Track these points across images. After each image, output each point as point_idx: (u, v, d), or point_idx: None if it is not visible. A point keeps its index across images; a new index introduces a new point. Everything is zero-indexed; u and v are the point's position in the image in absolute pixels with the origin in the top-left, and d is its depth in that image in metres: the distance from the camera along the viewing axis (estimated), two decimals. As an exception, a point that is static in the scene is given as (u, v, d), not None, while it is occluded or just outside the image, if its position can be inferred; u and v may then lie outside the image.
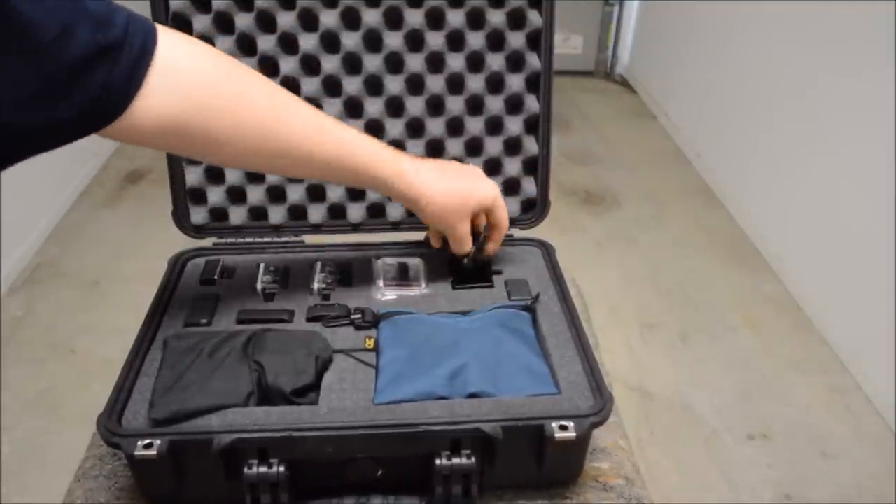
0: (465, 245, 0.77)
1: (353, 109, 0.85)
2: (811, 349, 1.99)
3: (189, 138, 0.57)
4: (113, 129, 0.52)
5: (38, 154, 0.49)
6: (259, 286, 0.78)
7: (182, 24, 0.80)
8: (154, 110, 0.52)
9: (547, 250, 0.86)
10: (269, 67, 0.82)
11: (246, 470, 0.58)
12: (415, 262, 0.83)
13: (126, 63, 0.50)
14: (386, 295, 0.78)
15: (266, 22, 0.81)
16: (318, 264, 0.82)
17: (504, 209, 0.77)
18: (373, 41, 0.82)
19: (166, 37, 0.53)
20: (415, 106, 0.85)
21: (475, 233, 0.78)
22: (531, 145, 0.87)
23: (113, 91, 0.50)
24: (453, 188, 0.73)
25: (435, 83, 0.84)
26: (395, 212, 0.88)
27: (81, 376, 1.83)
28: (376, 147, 0.68)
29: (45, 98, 0.46)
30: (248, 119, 0.59)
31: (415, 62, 0.83)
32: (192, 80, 0.55)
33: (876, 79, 1.77)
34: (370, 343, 0.71)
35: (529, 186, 0.88)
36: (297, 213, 0.87)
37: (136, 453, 0.57)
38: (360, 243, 0.87)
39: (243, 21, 0.80)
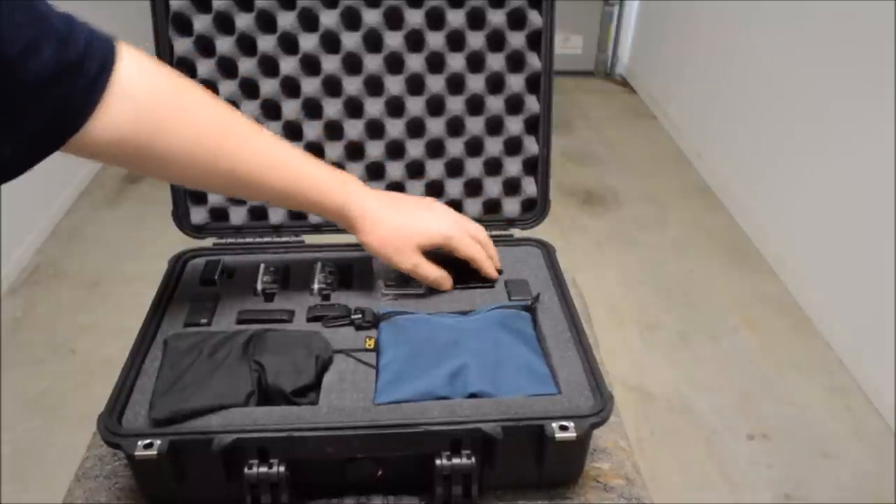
0: (426, 277, 0.75)
1: (353, 109, 0.85)
2: (811, 349, 1.99)
3: (141, 156, 0.57)
4: (68, 144, 0.52)
5: None
6: (259, 286, 0.78)
7: (182, 24, 0.80)
8: (109, 128, 0.53)
9: (547, 250, 0.86)
10: (269, 67, 0.82)
11: (246, 470, 0.58)
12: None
13: (85, 81, 0.50)
14: (386, 295, 0.78)
15: (266, 22, 0.81)
16: (318, 264, 0.82)
17: (467, 242, 0.75)
18: (373, 41, 0.82)
19: (125, 55, 0.54)
20: (415, 106, 0.85)
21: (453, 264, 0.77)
22: (531, 145, 0.87)
23: (71, 108, 0.50)
24: (397, 223, 0.72)
25: (435, 83, 0.84)
26: (395, 212, 0.88)
27: (81, 376, 1.83)
28: (326, 175, 0.68)
29: (5, 113, 0.46)
30: (201, 141, 0.59)
31: (415, 62, 0.83)
32: (148, 100, 0.55)
33: (876, 79, 1.77)
34: (370, 343, 0.71)
35: (529, 186, 0.88)
36: (297, 213, 0.87)
37: (137, 453, 0.57)
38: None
39: (243, 21, 0.80)
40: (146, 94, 0.55)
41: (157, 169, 0.60)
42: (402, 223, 0.72)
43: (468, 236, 0.76)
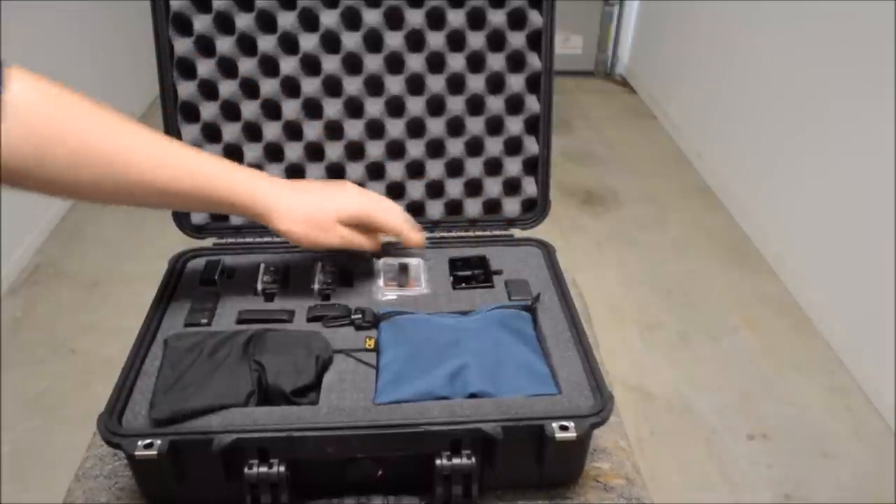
0: (359, 247, 0.74)
1: (353, 109, 0.85)
2: (811, 349, 1.99)
3: (34, 175, 0.58)
4: None
5: None
6: (259, 286, 0.78)
7: (182, 24, 0.80)
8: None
9: (547, 250, 0.86)
10: (269, 67, 0.82)
11: (246, 470, 0.58)
12: (415, 262, 0.83)
13: None
14: (386, 295, 0.78)
15: (266, 22, 0.81)
16: (318, 264, 0.82)
17: (384, 213, 0.74)
18: (373, 41, 0.82)
19: (16, 78, 0.55)
20: (415, 106, 0.85)
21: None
22: (531, 145, 0.87)
23: None
24: (313, 204, 0.71)
25: (435, 83, 0.84)
26: (395, 212, 0.88)
27: (81, 376, 1.83)
28: (227, 170, 0.67)
29: None
30: (91, 153, 0.59)
31: (415, 62, 0.83)
32: (38, 120, 0.56)
33: (876, 79, 1.77)
34: (370, 343, 0.71)
35: (530, 186, 0.88)
36: (298, 213, 0.87)
37: (137, 453, 0.57)
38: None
39: (243, 21, 0.80)
40: (36, 115, 0.56)
41: (52, 187, 0.60)
42: (319, 203, 0.71)
43: (385, 208, 0.75)
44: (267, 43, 0.81)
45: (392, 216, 0.75)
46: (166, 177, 0.63)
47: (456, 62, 0.84)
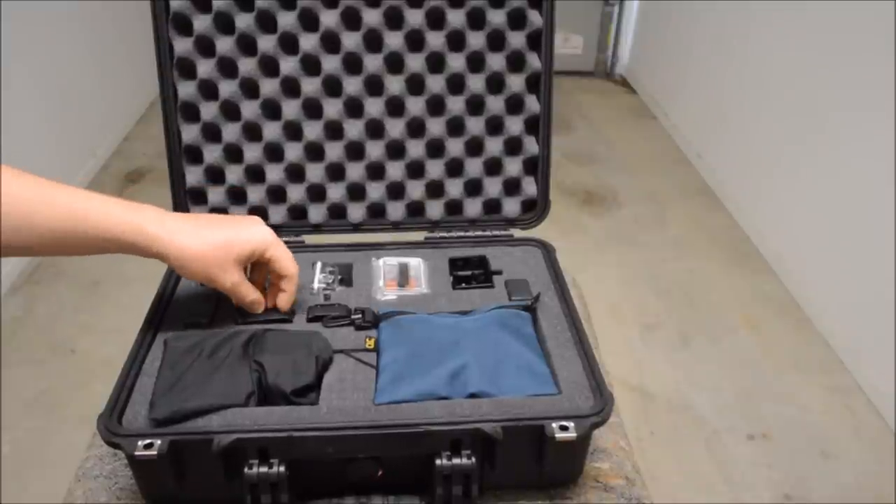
0: (245, 296, 0.70)
1: (353, 109, 0.85)
2: (811, 349, 1.99)
3: None
4: None
5: None
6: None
7: (182, 24, 0.80)
8: None
9: (547, 250, 0.86)
10: (269, 67, 0.82)
11: (246, 470, 0.58)
12: (415, 262, 0.83)
13: None
14: (386, 295, 0.78)
15: (266, 22, 0.81)
16: (318, 264, 0.82)
17: (285, 254, 0.70)
18: (373, 41, 0.82)
19: None
20: (415, 106, 0.85)
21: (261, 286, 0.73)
22: (531, 145, 0.87)
23: None
24: (210, 237, 0.66)
25: (435, 83, 0.84)
26: (395, 212, 0.88)
27: (81, 376, 1.83)
28: (109, 204, 0.62)
29: None
30: None
31: (415, 62, 0.83)
32: None
33: (876, 79, 1.77)
34: (370, 343, 0.71)
35: (530, 186, 0.88)
36: (297, 213, 0.87)
37: (137, 453, 0.57)
38: (360, 243, 0.87)
39: (243, 21, 0.80)
40: None
41: None
42: (218, 236, 0.66)
43: (284, 248, 0.71)
44: (267, 43, 0.81)
45: (291, 262, 0.71)
46: (41, 218, 0.59)
47: (456, 62, 0.84)
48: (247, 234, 0.69)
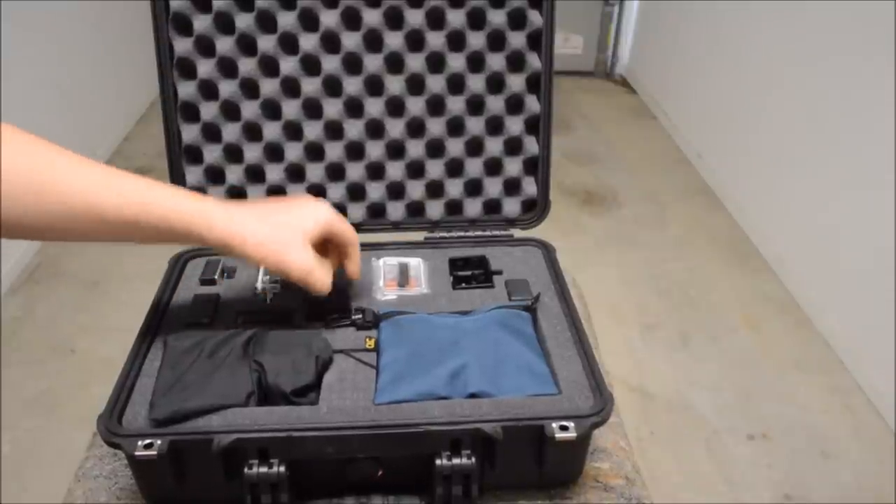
0: (319, 278, 0.67)
1: (353, 109, 0.85)
2: (811, 349, 1.99)
3: None
4: None
5: None
6: (259, 286, 0.78)
7: (182, 24, 0.80)
8: None
9: (547, 250, 0.86)
10: (269, 67, 0.82)
11: (246, 470, 0.58)
12: (415, 262, 0.83)
13: None
14: (386, 295, 0.78)
15: (266, 22, 0.81)
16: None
17: (346, 224, 0.70)
18: (373, 41, 0.82)
19: None
20: (415, 106, 0.85)
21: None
22: (531, 145, 0.87)
23: None
24: (278, 220, 0.66)
25: (435, 83, 0.84)
26: (395, 212, 0.88)
27: (81, 376, 1.83)
28: (179, 199, 0.62)
29: None
30: (20, 182, 0.55)
31: (415, 62, 0.83)
32: None
33: (877, 79, 1.77)
34: (370, 343, 0.71)
35: (530, 186, 0.88)
36: (298, 213, 0.87)
37: (137, 453, 0.57)
38: (360, 243, 0.87)
39: (243, 21, 0.80)
40: None
41: None
42: (285, 220, 0.66)
43: (346, 222, 0.71)
44: (267, 43, 0.81)
45: (347, 225, 0.71)
46: (109, 205, 0.59)
47: (456, 62, 0.84)
48: (311, 212, 0.68)
